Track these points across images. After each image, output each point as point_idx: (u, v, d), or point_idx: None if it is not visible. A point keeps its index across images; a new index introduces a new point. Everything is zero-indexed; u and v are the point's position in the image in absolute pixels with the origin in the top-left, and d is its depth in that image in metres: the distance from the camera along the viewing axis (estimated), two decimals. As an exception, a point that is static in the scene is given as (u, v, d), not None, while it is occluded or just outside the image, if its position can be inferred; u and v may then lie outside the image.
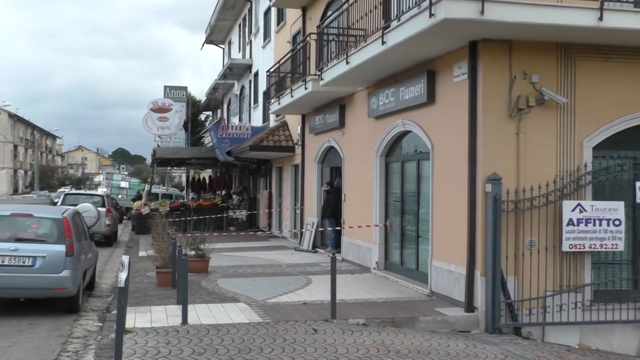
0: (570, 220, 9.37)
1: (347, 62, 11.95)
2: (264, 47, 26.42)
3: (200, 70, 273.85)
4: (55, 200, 31.55)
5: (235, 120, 33.08)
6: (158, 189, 39.20)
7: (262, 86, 25.84)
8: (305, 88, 15.53)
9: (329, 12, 16.48)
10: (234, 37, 34.29)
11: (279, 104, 18.33)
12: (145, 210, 24.94)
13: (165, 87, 40.67)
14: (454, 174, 10.24)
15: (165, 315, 9.38)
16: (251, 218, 27.19)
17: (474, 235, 9.58)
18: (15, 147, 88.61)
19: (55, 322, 9.35)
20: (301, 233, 19.16)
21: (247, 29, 30.13)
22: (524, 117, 9.53)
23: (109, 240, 21.22)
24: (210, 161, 29.13)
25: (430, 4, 8.42)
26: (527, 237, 9.51)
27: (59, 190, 58.65)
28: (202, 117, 54.15)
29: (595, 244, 9.40)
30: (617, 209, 9.36)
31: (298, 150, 20.59)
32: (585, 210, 9.35)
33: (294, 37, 20.50)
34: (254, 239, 22.15)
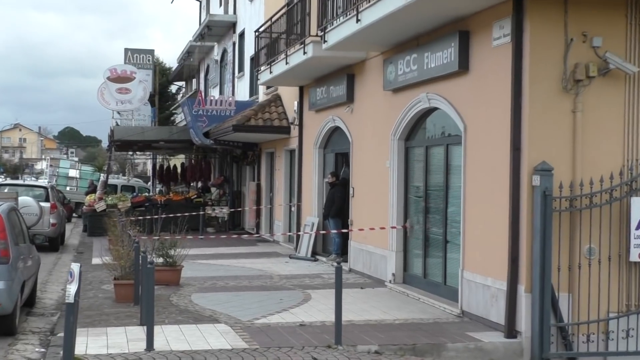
0: (641, 222, 9.43)
1: (358, 20, 12.06)
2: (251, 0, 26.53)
3: (172, 30, 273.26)
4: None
5: (214, 93, 33.26)
6: (117, 180, 39.22)
7: (250, 50, 25.96)
8: (305, 53, 15.65)
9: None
10: (214, -13, 34.50)
11: (270, 72, 18.47)
12: (100, 207, 25.17)
13: (127, 50, 40.73)
14: (492, 163, 10.31)
15: (125, 338, 9.44)
16: (234, 217, 27.34)
17: (517, 241, 9.66)
18: None
19: (-15, 347, 9.35)
20: (298, 236, 19.29)
21: (230, -24, 30.42)
22: (582, 91, 9.59)
23: (54, 243, 21.39)
24: (182, 145, 29.41)
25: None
26: (584, 243, 9.57)
27: (-9, 180, 59.12)
28: (173, 88, 54.36)
29: (672, 253, 9.44)
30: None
31: (294, 131, 20.67)
32: (661, 210, 9.38)
33: (291, -13, 20.96)
34: (238, 243, 22.37)
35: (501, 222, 9.99)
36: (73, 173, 42.37)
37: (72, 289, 6.61)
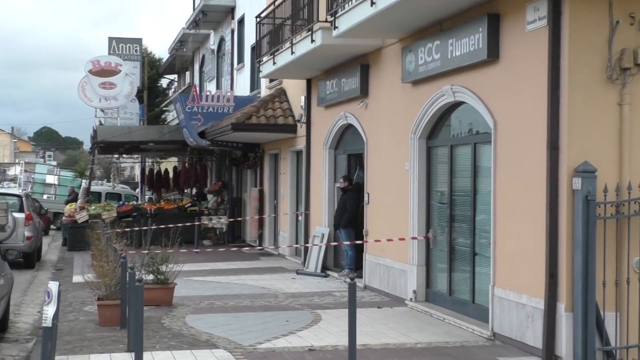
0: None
1: (373, 3, 12.10)
2: (252, -19, 26.69)
3: (164, 17, 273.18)
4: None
5: (211, 88, 33.44)
6: (101, 187, 39.44)
7: (250, 38, 26.05)
8: (312, 41, 15.72)
9: None
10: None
11: (274, 63, 18.58)
12: (81, 217, 25.24)
13: (111, 39, 41.01)
14: (527, 164, 10.36)
15: (110, 367, 9.30)
16: (234, 228, 27.47)
17: (555, 253, 9.68)
18: None
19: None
20: (306, 249, 19.41)
21: (227, -45, 30.58)
22: (629, 81, 9.57)
23: (29, 259, 21.42)
24: (175, 146, 29.53)
25: None
26: (634, 255, 9.54)
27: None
28: (164, 82, 54.57)
29: None
30: None
31: (301, 130, 20.80)
32: None
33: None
34: (239, 257, 22.42)
35: (537, 231, 10.01)
36: (51, 179, 42.34)
37: (49, 311, 6.61)
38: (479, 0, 11.10)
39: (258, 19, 19.65)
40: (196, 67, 39.73)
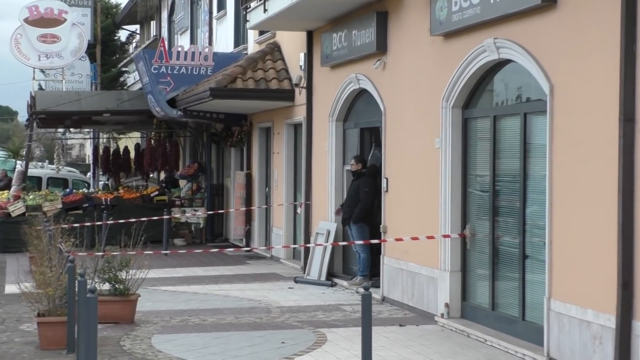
0: None
1: None
2: None
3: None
4: None
5: (184, 42, 32.95)
6: (41, 170, 39.11)
7: (234, -21, 26.07)
8: (315, -21, 15.56)
9: None
10: None
11: (265, 10, 18.72)
12: (16, 209, 25.30)
13: (53, -21, 40.69)
14: (592, 140, 10.38)
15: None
16: (214, 223, 27.67)
17: (630, 256, 9.70)
18: None
19: None
20: (307, 251, 19.50)
21: None
22: None
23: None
24: (137, 118, 29.57)
25: None
26: None
27: None
28: (123, 35, 54.35)
29: None
30: None
31: (300, 97, 20.88)
32: None
33: None
34: (220, 261, 22.63)
35: (606, 227, 10.04)
36: (-26, 161, 42.28)
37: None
38: None
39: (244, -47, 19.68)
40: (164, 15, 39.56)
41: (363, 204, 17.16)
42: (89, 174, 44.76)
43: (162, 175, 32.99)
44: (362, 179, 17.31)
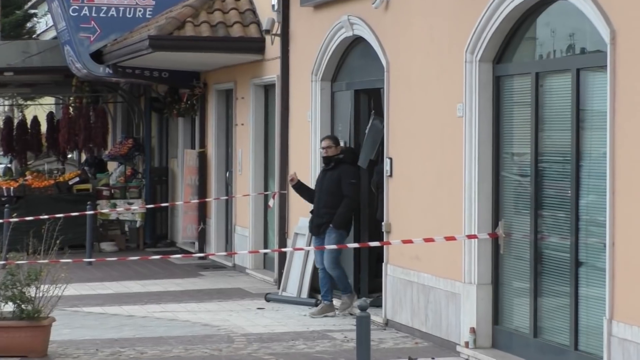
0: None
1: None
2: None
3: None
4: None
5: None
6: None
7: None
8: None
9: None
10: None
11: None
12: None
13: None
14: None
15: None
16: (156, 221, 26.30)
17: None
18: None
19: None
20: (282, 258, 18.33)
21: None
22: None
23: None
24: (50, 77, 28.70)
25: None
26: None
27: None
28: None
29: None
30: None
31: (273, 48, 19.46)
32: None
33: None
34: (165, 272, 21.46)
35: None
36: None
37: None
38: None
39: None
40: None
41: (350, 202, 15.81)
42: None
43: (85, 156, 31.27)
44: (343, 167, 15.96)
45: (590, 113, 11.44)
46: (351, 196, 15.88)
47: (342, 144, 16.68)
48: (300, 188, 16.55)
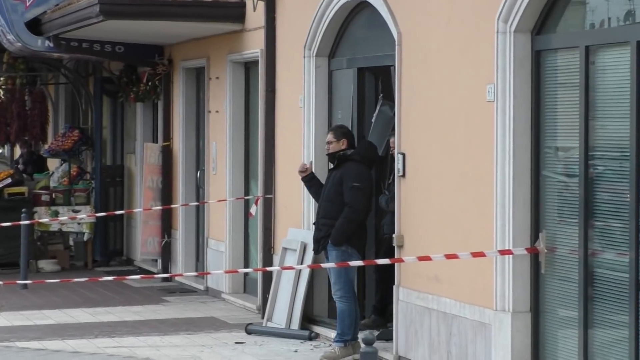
0: None
1: None
2: None
3: None
4: None
5: None
6: None
7: None
8: None
9: None
10: None
11: None
12: None
13: None
14: None
15: None
16: (109, 233, 24.35)
17: None
18: None
19: None
20: (267, 279, 17.33)
21: None
22: None
23: None
24: None
25: None
26: None
27: None
28: None
29: None
30: None
31: (256, 15, 18.19)
32: None
33: None
34: (120, 297, 20.08)
35: None
36: None
37: None
38: None
39: None
40: None
41: (350, 212, 14.17)
42: None
43: (18, 152, 29.46)
44: (347, 166, 14.35)
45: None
46: (353, 205, 14.24)
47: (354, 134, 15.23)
48: (312, 182, 14.89)
